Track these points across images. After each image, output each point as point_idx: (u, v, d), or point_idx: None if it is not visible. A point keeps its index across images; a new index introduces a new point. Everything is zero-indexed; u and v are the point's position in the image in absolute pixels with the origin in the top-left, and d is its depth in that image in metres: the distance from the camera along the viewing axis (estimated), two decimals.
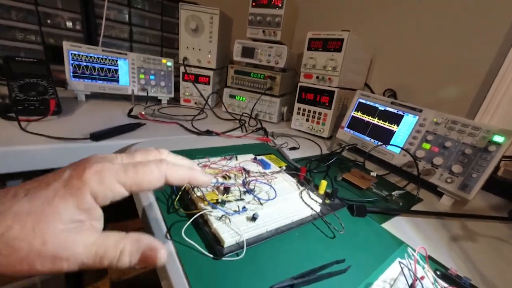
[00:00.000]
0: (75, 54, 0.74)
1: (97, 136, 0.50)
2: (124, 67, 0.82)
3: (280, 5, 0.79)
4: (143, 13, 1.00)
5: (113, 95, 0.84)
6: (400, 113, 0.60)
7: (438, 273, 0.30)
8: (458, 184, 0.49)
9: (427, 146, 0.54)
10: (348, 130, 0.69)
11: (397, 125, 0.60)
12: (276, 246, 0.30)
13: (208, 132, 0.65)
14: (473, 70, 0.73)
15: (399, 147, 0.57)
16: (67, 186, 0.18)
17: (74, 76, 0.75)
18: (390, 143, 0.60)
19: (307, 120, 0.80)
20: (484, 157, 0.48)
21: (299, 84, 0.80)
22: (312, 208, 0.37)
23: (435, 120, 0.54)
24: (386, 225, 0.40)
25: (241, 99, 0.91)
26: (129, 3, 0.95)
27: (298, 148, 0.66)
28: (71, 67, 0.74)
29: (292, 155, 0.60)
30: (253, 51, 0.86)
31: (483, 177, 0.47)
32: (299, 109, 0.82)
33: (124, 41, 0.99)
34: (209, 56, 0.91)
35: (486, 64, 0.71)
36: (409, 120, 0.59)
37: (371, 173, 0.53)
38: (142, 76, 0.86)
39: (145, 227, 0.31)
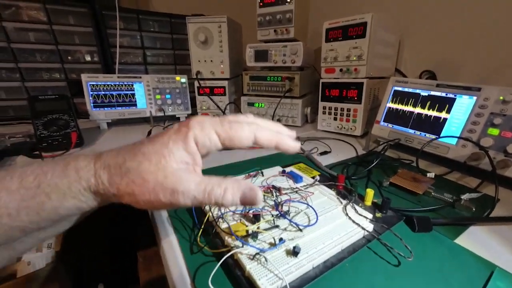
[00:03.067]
0: (93, 85, 0.75)
1: None
2: (140, 90, 0.82)
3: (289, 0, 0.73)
4: (153, 35, 1.01)
5: (133, 120, 0.84)
6: (451, 96, 0.50)
7: None
8: None
9: (494, 131, 0.44)
10: (386, 124, 0.60)
11: (448, 111, 0.50)
12: (325, 287, 0.23)
13: (226, 148, 0.60)
14: None
15: (457, 137, 0.47)
16: (177, 132, 0.21)
17: (94, 106, 0.77)
18: (442, 133, 0.50)
19: (335, 119, 0.72)
20: None
21: (321, 81, 0.73)
22: (363, 228, 0.30)
23: (501, 98, 0.44)
24: (462, 241, 0.31)
25: (260, 105, 0.86)
26: (140, 28, 0.97)
27: (329, 152, 0.58)
28: (91, 98, 0.75)
29: (324, 161, 0.53)
30: (266, 53, 0.81)
31: None
32: (324, 108, 0.74)
33: (139, 65, 1.01)
34: (222, 66, 0.88)
35: None
36: (464, 103, 0.49)
37: (428, 174, 0.44)
38: (158, 96, 0.85)
39: (166, 274, 0.27)
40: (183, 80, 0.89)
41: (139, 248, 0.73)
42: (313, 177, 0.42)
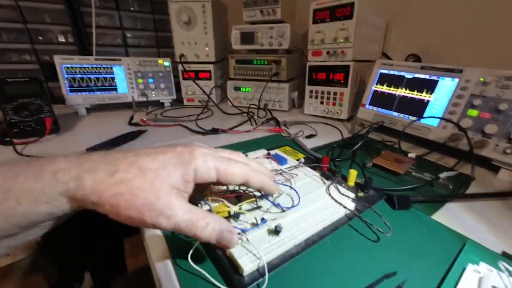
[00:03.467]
0: (68, 68, 0.71)
1: (93, 151, 0.46)
2: (120, 73, 0.78)
3: None
4: (133, 15, 0.95)
5: (114, 105, 0.80)
6: (434, 78, 0.51)
7: None
8: None
9: (474, 112, 0.45)
10: (371, 107, 0.61)
11: (431, 93, 0.51)
12: (307, 263, 0.24)
13: (214, 130, 0.59)
14: None
15: (439, 118, 0.48)
16: (180, 158, 0.22)
17: (71, 91, 0.72)
18: (424, 115, 0.51)
19: (322, 102, 0.72)
20: None
21: (308, 64, 0.72)
22: (345, 207, 0.30)
23: (482, 79, 0.45)
24: (438, 217, 0.33)
25: (247, 90, 0.85)
26: (118, 7, 0.90)
27: (315, 135, 0.58)
28: (66, 81, 0.71)
29: (310, 143, 0.53)
30: (252, 35, 0.78)
31: None
32: (311, 91, 0.74)
33: (118, 47, 0.95)
34: (207, 49, 0.84)
35: None
36: (446, 85, 0.49)
37: (409, 154, 0.44)
38: (140, 80, 0.81)
39: (148, 256, 0.26)
40: (166, 63, 0.86)
41: (125, 235, 0.72)
42: (298, 160, 0.42)
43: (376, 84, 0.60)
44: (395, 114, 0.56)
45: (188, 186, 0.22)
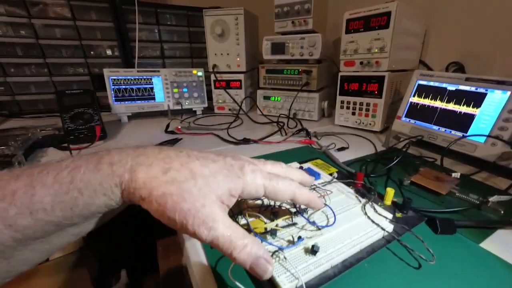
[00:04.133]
0: (114, 79, 0.78)
1: None
2: (158, 84, 0.84)
3: None
4: (171, 28, 1.02)
5: (152, 113, 0.87)
6: (482, 90, 0.47)
7: None
8: None
9: None
10: (407, 119, 0.58)
11: (478, 107, 0.47)
12: (344, 286, 0.24)
13: (246, 141, 0.61)
14: None
15: (486, 136, 0.45)
16: (230, 171, 0.22)
17: (116, 100, 0.79)
18: (470, 130, 0.48)
19: (354, 113, 0.70)
20: None
21: (340, 74, 0.71)
22: (383, 228, 0.29)
23: None
24: (487, 245, 0.30)
25: (276, 99, 0.86)
26: (158, 22, 0.98)
27: (347, 148, 0.57)
28: (112, 91, 0.78)
29: (342, 157, 0.52)
30: (283, 46, 0.79)
31: None
32: (342, 102, 0.72)
33: (157, 59, 1.02)
34: (238, 59, 0.87)
35: None
36: (496, 98, 0.46)
37: (453, 174, 0.42)
38: (175, 90, 0.86)
39: (187, 264, 0.28)
40: (200, 73, 0.90)
41: (158, 237, 0.77)
42: (330, 174, 0.41)
43: (414, 96, 0.57)
44: (435, 128, 0.53)
45: (232, 200, 0.21)
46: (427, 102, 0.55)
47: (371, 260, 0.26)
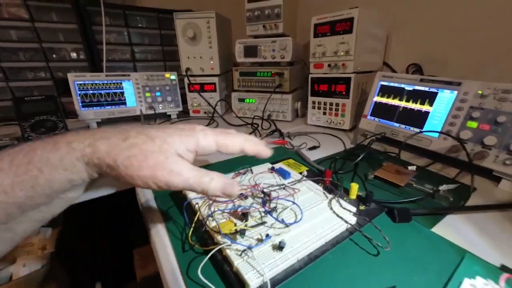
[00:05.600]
0: (80, 84, 0.74)
1: None
2: (129, 88, 0.81)
3: None
4: (141, 31, 0.99)
5: (123, 118, 0.84)
6: (433, 90, 0.52)
7: None
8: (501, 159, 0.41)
9: (473, 124, 0.46)
10: (372, 118, 0.62)
11: (431, 105, 0.52)
12: (309, 277, 0.25)
13: None
14: None
15: (438, 132, 0.49)
16: (182, 131, 0.25)
17: (83, 106, 0.76)
18: (425, 126, 0.52)
19: (324, 113, 0.74)
20: None
21: (310, 75, 0.74)
22: (346, 221, 0.31)
23: (480, 92, 0.46)
24: (438, 229, 0.33)
25: (251, 101, 0.87)
26: (127, 24, 0.95)
27: (318, 147, 0.60)
28: (78, 97, 0.74)
29: (313, 155, 0.54)
30: (255, 49, 0.81)
31: None
32: (313, 102, 0.76)
33: (127, 62, 0.99)
34: (212, 62, 0.87)
35: None
36: (445, 97, 0.50)
37: (409, 167, 0.45)
38: (148, 94, 0.84)
39: (160, 271, 0.28)
40: (173, 77, 0.89)
41: (135, 246, 0.74)
42: (301, 173, 0.43)
43: (377, 96, 0.61)
44: (396, 125, 0.57)
45: (190, 155, 0.25)
46: (389, 101, 0.59)
47: (335, 251, 0.28)
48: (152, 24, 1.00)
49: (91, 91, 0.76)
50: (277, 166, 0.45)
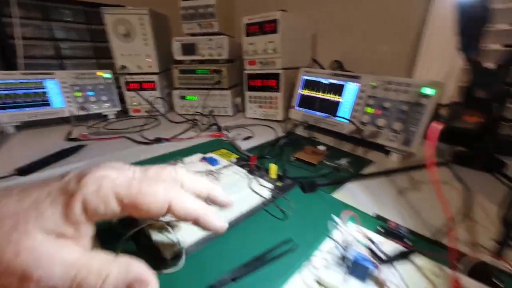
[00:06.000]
0: None
1: (25, 170, 0.45)
2: (53, 87, 0.75)
3: None
4: (67, 25, 0.91)
5: (50, 121, 0.77)
6: (342, 83, 0.62)
7: (380, 229, 0.31)
8: (401, 140, 0.52)
9: (370, 110, 0.57)
10: (299, 108, 0.70)
11: (341, 95, 0.62)
12: (222, 243, 0.29)
13: (158, 140, 0.62)
14: (405, 27, 0.76)
15: (342, 118, 0.59)
16: (62, 190, 0.16)
17: None
18: (338, 113, 0.62)
19: (260, 106, 0.80)
20: (419, 111, 0.50)
21: (245, 72, 0.79)
22: (261, 195, 0.36)
23: (372, 84, 0.56)
24: (336, 194, 0.41)
25: (192, 98, 0.88)
26: (47, 17, 0.86)
27: (252, 137, 0.65)
28: None
29: (247, 144, 0.59)
30: (193, 46, 0.83)
31: (421, 129, 0.50)
32: (250, 97, 0.81)
33: (51, 59, 0.90)
34: (149, 60, 0.86)
35: (414, 21, 0.74)
36: (351, 89, 0.60)
37: (320, 147, 0.54)
38: (78, 94, 0.79)
39: None
40: (107, 75, 0.84)
41: None
42: (229, 160, 0.48)
43: (302, 89, 0.69)
44: (318, 113, 0.66)
45: (80, 229, 0.16)
46: (311, 93, 0.68)
47: (249, 221, 0.33)
48: (79, 18, 0.93)
49: (4, 92, 0.68)
50: (208, 155, 0.48)
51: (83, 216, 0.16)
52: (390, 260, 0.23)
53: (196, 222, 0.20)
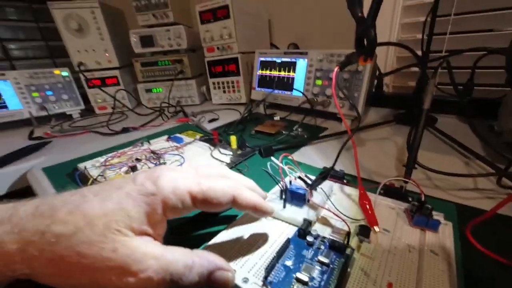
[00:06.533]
0: None
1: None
2: (7, 89, 0.72)
3: None
4: (12, 24, 0.87)
5: (7, 124, 0.74)
6: (293, 60, 0.67)
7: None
8: (348, 106, 0.59)
9: (319, 82, 0.63)
10: (259, 89, 0.75)
11: (294, 71, 0.67)
12: None
13: (125, 130, 0.63)
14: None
15: (297, 90, 0.65)
16: (141, 191, 0.17)
17: None
18: (294, 88, 0.68)
19: (224, 91, 0.84)
20: (358, 77, 0.57)
21: (205, 59, 0.82)
22: (221, 161, 0.41)
23: (318, 58, 0.62)
24: (294, 157, 0.47)
25: (158, 90, 0.89)
26: None
27: (217, 119, 0.69)
28: None
29: (212, 126, 0.63)
30: (151, 38, 0.83)
31: (362, 93, 0.57)
32: (214, 83, 0.84)
33: (1, 61, 0.86)
34: (107, 55, 0.85)
35: None
36: (301, 64, 0.66)
37: (274, 117, 0.60)
38: (35, 94, 0.77)
39: None
40: (65, 73, 0.83)
41: None
42: (194, 139, 0.51)
43: (260, 70, 0.74)
44: (276, 91, 0.71)
45: (159, 227, 0.18)
46: (267, 73, 0.73)
47: None
48: (26, 16, 0.88)
49: None
50: (173, 136, 0.51)
51: (163, 216, 0.18)
52: (314, 183, 0.29)
53: (255, 210, 0.22)
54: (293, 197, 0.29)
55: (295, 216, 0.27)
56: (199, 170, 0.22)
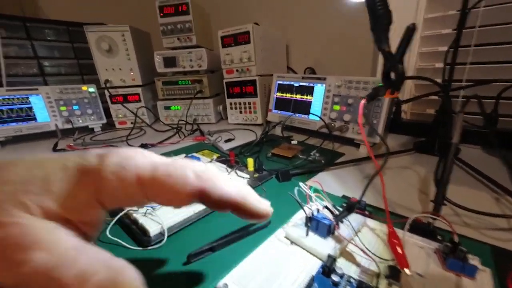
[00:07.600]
0: None
1: None
2: (38, 103, 0.77)
3: (186, 10, 0.82)
4: (50, 44, 0.94)
5: (35, 135, 0.78)
6: (311, 84, 0.68)
7: (344, 205, 0.36)
8: (366, 132, 0.59)
9: (337, 107, 0.63)
10: (276, 111, 0.76)
11: (312, 95, 0.68)
12: (203, 224, 0.33)
13: (143, 146, 0.65)
14: (365, 31, 0.85)
15: (314, 115, 0.65)
16: (79, 164, 0.13)
17: None
18: (310, 112, 0.68)
19: (241, 112, 0.85)
20: (377, 105, 0.57)
21: (224, 80, 0.85)
22: None
23: (337, 83, 0.63)
24: (310, 183, 0.46)
25: (176, 108, 0.92)
26: (29, 36, 0.89)
27: (233, 139, 0.70)
28: None
29: (228, 146, 0.64)
30: (174, 59, 0.88)
31: (381, 120, 0.56)
32: (230, 104, 0.86)
33: (35, 77, 0.92)
34: (132, 73, 0.90)
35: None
36: (319, 89, 0.67)
37: (292, 142, 0.59)
38: (63, 108, 0.81)
39: None
40: (92, 89, 0.88)
41: None
42: (211, 159, 0.52)
43: (277, 92, 0.75)
44: (293, 114, 0.72)
45: (87, 213, 0.14)
46: (285, 95, 0.74)
47: None
48: (62, 37, 0.96)
49: None
50: (190, 155, 0.52)
51: (94, 197, 0.13)
52: (340, 214, 0.28)
53: (239, 206, 0.16)
54: (318, 226, 0.28)
55: (318, 248, 0.26)
56: (177, 161, 0.15)
